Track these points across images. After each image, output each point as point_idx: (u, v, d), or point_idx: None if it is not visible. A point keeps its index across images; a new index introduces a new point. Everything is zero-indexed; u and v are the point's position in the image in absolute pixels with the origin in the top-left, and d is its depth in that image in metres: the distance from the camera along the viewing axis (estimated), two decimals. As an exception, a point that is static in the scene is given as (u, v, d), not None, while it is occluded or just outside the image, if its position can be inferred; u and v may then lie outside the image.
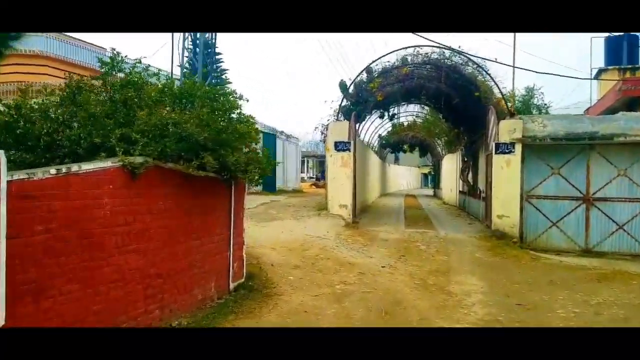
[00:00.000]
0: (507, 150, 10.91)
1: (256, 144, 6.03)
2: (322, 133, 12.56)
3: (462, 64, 12.44)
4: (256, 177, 6.13)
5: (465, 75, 13.20)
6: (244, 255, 6.47)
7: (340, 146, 11.93)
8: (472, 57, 12.11)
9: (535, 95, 24.83)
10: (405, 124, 28.80)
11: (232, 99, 5.47)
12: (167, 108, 5.03)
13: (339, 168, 12.03)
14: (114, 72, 4.98)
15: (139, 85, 4.97)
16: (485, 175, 12.51)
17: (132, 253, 4.22)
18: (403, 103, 19.10)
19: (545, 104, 23.90)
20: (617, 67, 18.57)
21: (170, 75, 14.40)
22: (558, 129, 10.79)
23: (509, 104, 11.69)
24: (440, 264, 8.17)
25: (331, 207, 12.06)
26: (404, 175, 48.00)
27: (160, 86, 5.27)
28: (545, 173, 11.02)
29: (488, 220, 12.12)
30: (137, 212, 4.30)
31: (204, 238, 5.39)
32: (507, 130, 10.93)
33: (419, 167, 56.92)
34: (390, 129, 28.72)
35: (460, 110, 15.05)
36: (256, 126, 6.30)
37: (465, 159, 17.22)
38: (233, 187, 5.92)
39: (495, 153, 10.99)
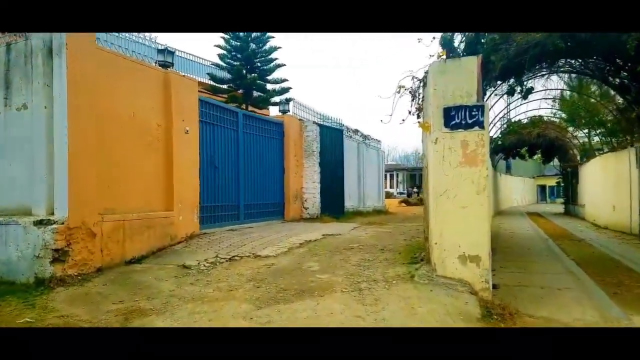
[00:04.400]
0: None
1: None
2: (412, 95, 5.73)
3: None
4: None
5: None
6: None
7: (459, 115, 5.10)
8: None
9: None
10: (524, 121, 21.29)
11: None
12: None
13: (456, 169, 5.17)
14: None
15: None
16: None
17: None
18: (544, 69, 11.76)
19: None
20: None
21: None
22: None
23: None
24: None
25: (440, 260, 5.19)
26: (518, 188, 38.77)
27: None
28: None
29: None
30: None
31: None
32: None
33: (533, 177, 46.83)
34: (502, 128, 21.43)
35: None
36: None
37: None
38: None
39: None
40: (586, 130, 20.66)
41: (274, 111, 17.44)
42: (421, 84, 5.81)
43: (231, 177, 9.68)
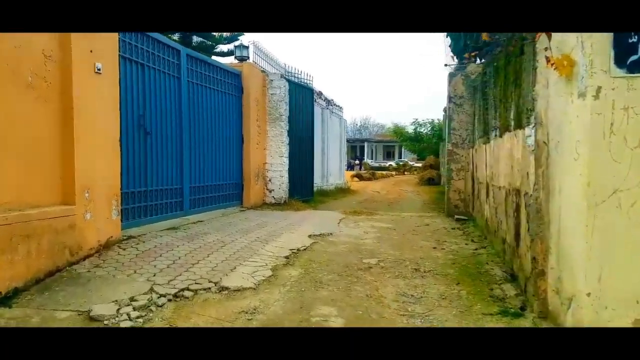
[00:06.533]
0: None
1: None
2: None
3: None
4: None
5: None
6: None
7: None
8: None
9: None
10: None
11: None
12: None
13: (636, 150, 2.70)
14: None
15: None
16: None
17: None
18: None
19: None
20: None
21: None
22: None
23: None
24: None
25: (597, 325, 2.76)
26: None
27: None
28: None
29: None
30: None
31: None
32: None
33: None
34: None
35: None
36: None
37: None
38: None
39: None
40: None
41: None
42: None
43: (171, 147, 6.62)
